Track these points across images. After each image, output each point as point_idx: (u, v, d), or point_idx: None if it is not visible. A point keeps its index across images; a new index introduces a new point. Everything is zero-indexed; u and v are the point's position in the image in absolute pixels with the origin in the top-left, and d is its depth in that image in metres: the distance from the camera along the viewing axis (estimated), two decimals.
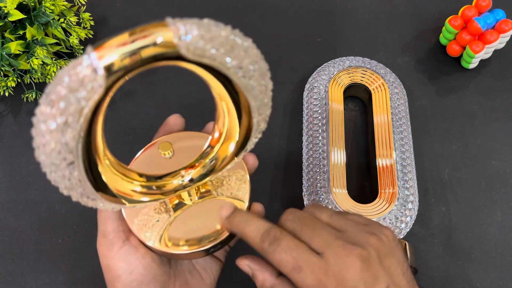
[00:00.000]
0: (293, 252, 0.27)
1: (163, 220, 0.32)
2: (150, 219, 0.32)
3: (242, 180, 0.34)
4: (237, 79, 0.22)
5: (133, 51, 0.19)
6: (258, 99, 0.25)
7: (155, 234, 0.31)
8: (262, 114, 0.26)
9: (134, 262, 0.31)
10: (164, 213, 0.32)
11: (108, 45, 0.19)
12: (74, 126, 0.20)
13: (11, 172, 0.50)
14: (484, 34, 0.51)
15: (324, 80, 0.50)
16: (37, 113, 0.20)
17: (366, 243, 0.27)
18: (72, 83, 0.19)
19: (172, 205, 0.33)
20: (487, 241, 0.46)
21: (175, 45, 0.20)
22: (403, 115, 0.48)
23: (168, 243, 0.31)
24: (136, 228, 0.32)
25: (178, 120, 0.36)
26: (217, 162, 0.30)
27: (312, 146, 0.47)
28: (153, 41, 0.19)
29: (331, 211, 0.30)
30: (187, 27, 0.20)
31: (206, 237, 0.32)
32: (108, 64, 0.19)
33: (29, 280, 0.45)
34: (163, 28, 0.20)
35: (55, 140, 0.21)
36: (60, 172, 0.22)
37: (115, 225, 0.32)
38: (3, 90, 0.51)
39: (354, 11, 0.59)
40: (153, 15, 0.59)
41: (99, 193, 0.25)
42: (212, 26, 0.21)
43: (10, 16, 0.47)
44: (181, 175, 0.31)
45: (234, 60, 0.22)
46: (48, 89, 0.20)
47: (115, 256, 0.31)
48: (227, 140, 0.29)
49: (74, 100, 0.19)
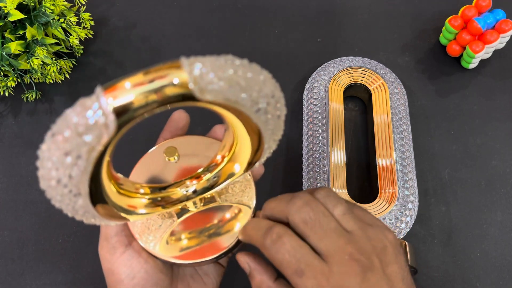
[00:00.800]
0: (297, 254, 0.26)
1: (166, 225, 0.32)
2: (153, 224, 0.32)
3: (247, 186, 0.33)
4: (253, 115, 0.22)
5: (145, 93, 0.18)
6: (272, 127, 0.24)
7: (157, 239, 0.31)
8: (275, 138, 0.26)
9: (136, 267, 0.31)
10: (168, 218, 0.32)
11: (120, 86, 0.18)
12: (81, 164, 0.20)
13: (11, 172, 0.50)
14: (484, 34, 0.51)
15: (324, 80, 0.50)
16: (43, 149, 0.20)
17: (372, 251, 0.26)
18: (80, 126, 0.18)
19: (176, 211, 0.32)
20: (487, 241, 0.46)
21: (190, 89, 0.19)
22: (403, 115, 0.48)
23: (172, 251, 0.31)
24: (138, 233, 0.31)
25: (183, 115, 0.35)
26: (220, 178, 0.30)
27: (312, 146, 0.47)
28: (165, 84, 0.18)
29: (344, 207, 0.28)
30: (203, 70, 0.19)
31: (212, 246, 0.31)
32: (118, 107, 0.18)
33: (29, 280, 0.45)
34: (177, 69, 0.19)
35: (61, 176, 0.20)
36: (65, 201, 0.22)
37: (118, 229, 0.31)
38: (3, 90, 0.51)
39: (354, 11, 0.59)
40: (153, 15, 0.59)
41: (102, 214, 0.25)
42: (228, 64, 0.20)
43: (10, 16, 0.47)
44: (186, 185, 0.30)
45: (250, 97, 0.21)
46: (55, 129, 0.19)
47: (117, 261, 0.31)
48: (233, 159, 0.29)
49: (81, 143, 0.19)
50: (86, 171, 0.21)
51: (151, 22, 0.59)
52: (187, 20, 0.59)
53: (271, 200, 0.30)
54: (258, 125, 0.23)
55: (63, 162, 0.20)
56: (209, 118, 0.36)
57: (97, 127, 0.19)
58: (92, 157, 0.20)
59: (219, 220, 0.32)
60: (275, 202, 0.29)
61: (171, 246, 0.31)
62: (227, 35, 0.58)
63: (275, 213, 0.29)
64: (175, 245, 0.31)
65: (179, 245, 0.31)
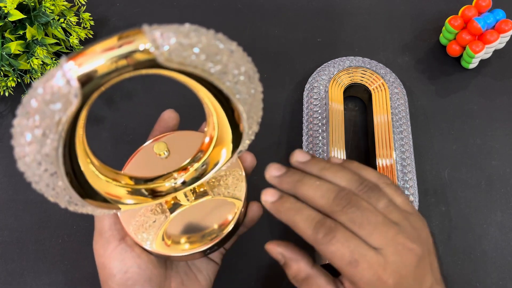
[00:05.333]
0: (350, 245, 0.26)
1: (160, 221, 0.32)
2: (146, 220, 0.32)
3: (239, 179, 0.33)
4: (221, 84, 0.22)
5: (109, 60, 0.19)
6: (247, 103, 0.24)
7: (152, 235, 0.31)
8: (253, 117, 0.26)
9: (129, 261, 0.31)
10: (161, 214, 0.32)
11: (83, 54, 0.19)
12: (53, 137, 0.20)
13: (11, 172, 0.50)
14: (484, 34, 0.51)
15: (324, 80, 0.50)
16: (15, 124, 0.20)
17: (419, 240, 0.27)
18: (47, 95, 0.18)
19: (169, 206, 0.32)
20: (487, 241, 0.46)
21: (152, 53, 0.19)
22: (403, 115, 0.48)
23: (164, 245, 0.31)
24: (133, 229, 0.31)
25: (172, 114, 0.36)
26: (209, 166, 0.30)
27: (312, 146, 0.47)
28: (130, 50, 0.19)
29: (387, 199, 0.28)
30: (164, 35, 0.19)
31: (202, 238, 0.31)
32: (82, 75, 0.18)
33: (29, 280, 0.45)
34: (139, 35, 0.19)
35: (34, 152, 0.20)
36: (43, 182, 0.22)
37: (111, 223, 0.32)
38: (3, 90, 0.51)
39: (354, 11, 0.59)
40: (153, 15, 0.59)
41: (86, 200, 0.25)
42: (192, 32, 0.20)
43: (10, 16, 0.47)
44: (173, 177, 0.30)
45: (217, 66, 0.21)
46: (24, 100, 0.19)
47: (110, 255, 0.31)
48: (218, 144, 0.29)
49: (49, 113, 0.19)
50: (59, 145, 0.20)
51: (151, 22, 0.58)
52: (187, 20, 0.58)
53: (305, 182, 0.29)
54: (232, 100, 0.23)
55: (35, 135, 0.20)
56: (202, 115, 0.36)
57: (62, 95, 0.18)
58: (62, 129, 0.20)
59: (211, 213, 0.32)
60: (312, 190, 0.28)
61: (165, 241, 0.31)
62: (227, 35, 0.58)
63: (314, 202, 0.28)
64: (169, 239, 0.31)
65: (172, 239, 0.31)
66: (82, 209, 0.25)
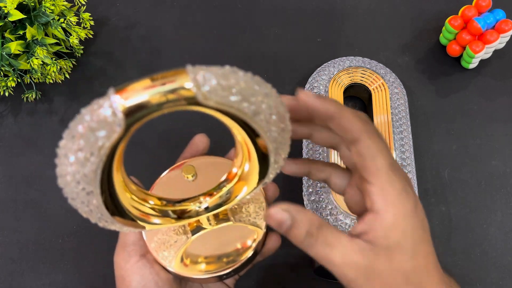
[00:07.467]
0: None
1: (181, 241, 0.33)
2: (168, 239, 0.33)
3: (261, 208, 0.34)
4: (254, 123, 0.23)
5: (152, 96, 0.20)
6: (277, 141, 0.25)
7: (172, 255, 0.32)
8: (281, 153, 0.27)
9: (148, 277, 0.32)
10: (183, 234, 0.33)
11: (130, 89, 0.21)
12: (93, 161, 0.22)
13: (11, 172, 0.50)
14: (484, 34, 0.51)
15: (324, 80, 0.50)
16: (60, 146, 0.22)
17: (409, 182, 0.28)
18: (93, 122, 0.21)
19: (191, 227, 0.34)
20: (487, 241, 0.46)
21: (193, 92, 0.21)
22: (403, 115, 0.48)
23: (183, 265, 0.32)
24: (154, 247, 0.33)
25: (203, 139, 0.37)
26: (233, 194, 0.31)
27: (312, 146, 0.47)
28: (172, 88, 0.20)
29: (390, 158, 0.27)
30: (206, 76, 0.21)
31: (220, 263, 0.32)
32: (126, 108, 0.20)
33: (29, 280, 0.45)
34: (182, 75, 0.21)
35: (75, 172, 0.22)
36: (79, 199, 0.24)
37: (135, 239, 0.33)
38: (3, 90, 0.51)
39: (354, 11, 0.59)
40: (153, 15, 0.59)
41: (115, 217, 0.26)
42: (231, 74, 0.22)
43: (10, 16, 0.47)
44: (199, 201, 0.31)
45: (252, 106, 0.22)
46: (71, 125, 0.21)
47: (130, 268, 0.32)
48: (243, 177, 0.30)
49: (93, 139, 0.21)
50: (98, 168, 0.22)
51: (151, 22, 0.59)
52: (187, 20, 0.59)
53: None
54: (262, 137, 0.25)
55: (77, 157, 0.22)
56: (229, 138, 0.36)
57: (107, 124, 0.21)
58: (103, 153, 0.22)
59: (231, 239, 0.33)
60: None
61: (185, 261, 0.32)
62: (227, 35, 0.58)
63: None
64: (188, 260, 0.33)
65: (191, 260, 0.33)
66: (111, 226, 0.27)
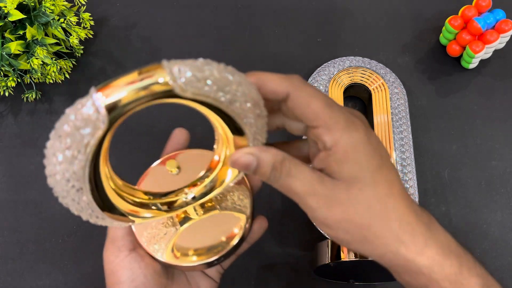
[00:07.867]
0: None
1: (170, 233, 0.34)
2: (158, 233, 0.34)
3: (246, 196, 0.35)
4: (231, 111, 0.25)
5: (131, 91, 0.22)
6: (253, 126, 0.26)
7: (163, 247, 0.33)
8: (259, 138, 0.28)
9: (137, 271, 0.32)
10: (171, 226, 0.34)
11: (110, 86, 0.22)
12: (81, 158, 0.23)
13: (11, 172, 0.50)
14: (484, 34, 0.51)
15: (324, 80, 0.50)
16: (48, 146, 0.23)
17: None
18: (77, 121, 0.22)
19: (179, 219, 0.35)
20: (487, 241, 0.46)
21: (170, 85, 0.22)
22: (403, 115, 0.48)
23: (174, 255, 0.33)
24: (145, 241, 0.33)
25: (183, 132, 0.38)
26: (217, 183, 0.32)
27: None
28: (150, 83, 0.22)
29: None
30: (181, 69, 0.22)
31: (209, 249, 0.34)
32: (108, 104, 0.21)
33: (29, 280, 0.45)
34: (159, 70, 0.22)
35: (64, 170, 0.23)
36: (70, 197, 0.25)
37: (124, 234, 0.33)
38: (3, 90, 0.51)
39: (354, 11, 0.59)
40: (153, 15, 0.59)
41: (105, 213, 0.27)
42: (205, 66, 0.23)
43: (10, 16, 0.47)
44: (184, 192, 0.32)
45: (227, 95, 0.24)
46: (57, 125, 0.22)
47: (120, 263, 0.32)
48: (226, 163, 0.31)
49: (79, 136, 0.22)
50: (86, 164, 0.23)
51: (151, 22, 0.59)
52: (187, 20, 0.59)
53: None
54: (239, 124, 0.26)
55: (65, 156, 0.23)
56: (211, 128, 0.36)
57: (91, 122, 0.22)
58: (90, 150, 0.23)
59: (218, 226, 0.34)
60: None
61: (175, 252, 0.33)
62: (227, 35, 0.58)
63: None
64: (178, 250, 0.34)
65: (182, 250, 0.34)
66: (102, 221, 0.28)
